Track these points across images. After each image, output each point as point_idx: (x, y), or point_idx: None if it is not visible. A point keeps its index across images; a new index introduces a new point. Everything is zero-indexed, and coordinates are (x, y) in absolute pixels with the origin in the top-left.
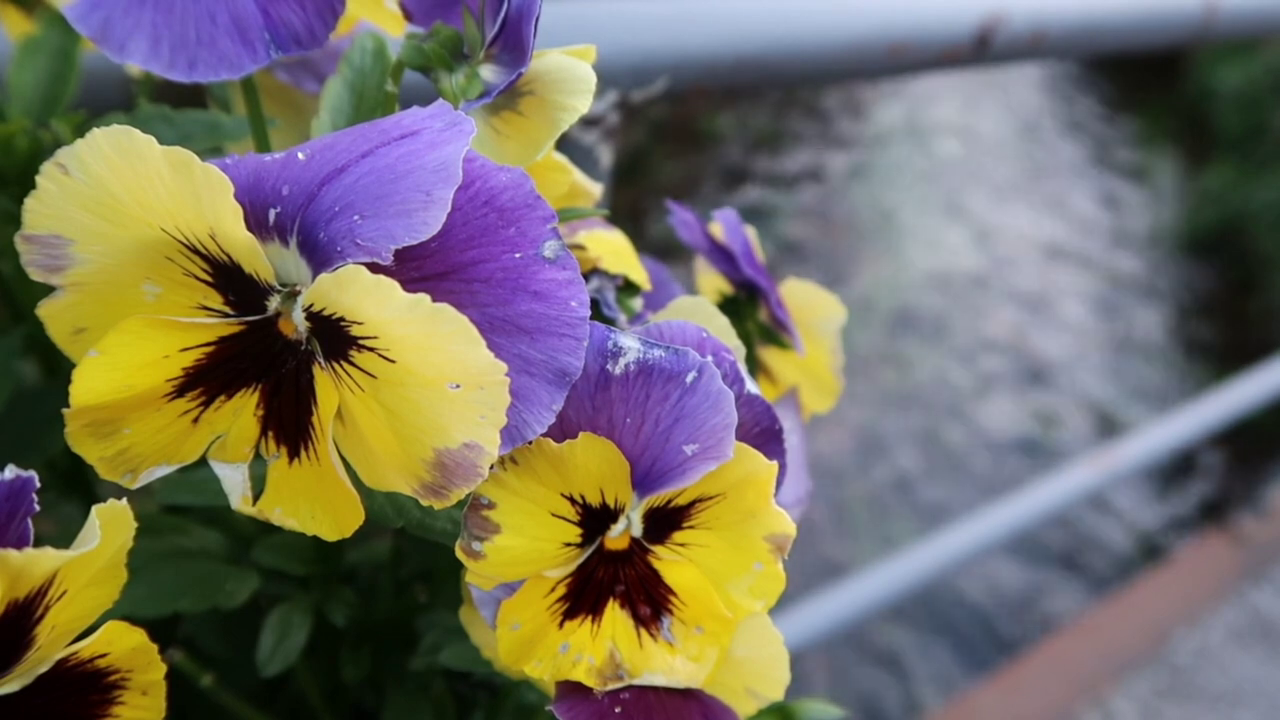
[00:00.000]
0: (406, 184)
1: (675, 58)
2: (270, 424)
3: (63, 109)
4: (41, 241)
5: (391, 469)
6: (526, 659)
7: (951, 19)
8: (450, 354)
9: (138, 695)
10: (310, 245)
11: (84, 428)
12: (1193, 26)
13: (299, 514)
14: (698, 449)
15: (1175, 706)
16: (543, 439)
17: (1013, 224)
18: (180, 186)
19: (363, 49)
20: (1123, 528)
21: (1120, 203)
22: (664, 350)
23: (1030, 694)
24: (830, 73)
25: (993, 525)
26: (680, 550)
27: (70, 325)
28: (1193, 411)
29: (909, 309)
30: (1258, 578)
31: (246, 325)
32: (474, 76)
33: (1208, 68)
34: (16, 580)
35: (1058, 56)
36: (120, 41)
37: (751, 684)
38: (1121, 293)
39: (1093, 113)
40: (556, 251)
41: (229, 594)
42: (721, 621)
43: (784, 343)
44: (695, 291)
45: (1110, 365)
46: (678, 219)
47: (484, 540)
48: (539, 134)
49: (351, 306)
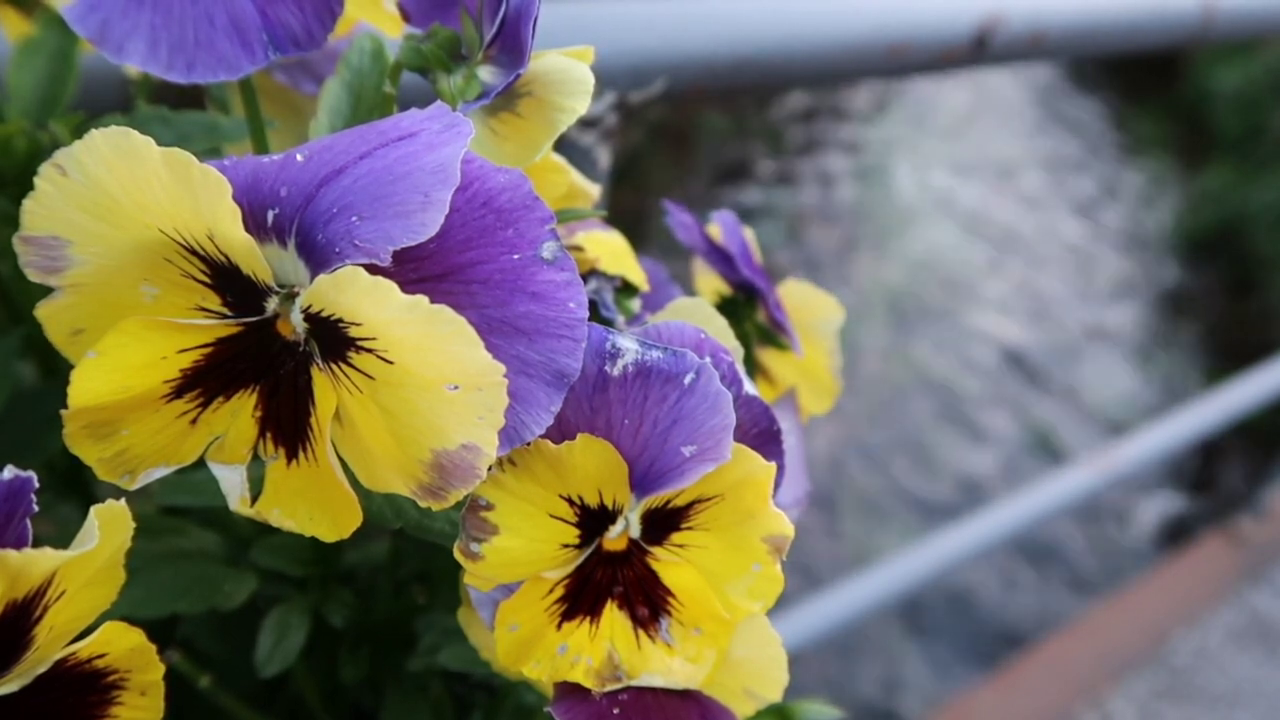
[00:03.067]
0: (405, 185)
1: (674, 58)
2: (268, 425)
3: (61, 110)
4: (39, 243)
5: (390, 470)
6: (525, 660)
7: (950, 20)
8: (448, 355)
9: (136, 696)
10: (308, 246)
11: (82, 429)
12: (1191, 27)
13: (297, 515)
14: (696, 450)
15: (1174, 707)
16: (541, 440)
17: (1012, 224)
18: (178, 188)
19: (361, 50)
20: (1122, 528)
21: (1119, 203)
22: (662, 351)
23: (1029, 694)
24: (829, 73)
25: (992, 526)
26: (678, 551)
27: (68, 326)
28: (1191, 412)
29: (907, 307)
30: (1256, 579)
31: (245, 326)
32: (472, 78)
33: (1206, 69)
34: (15, 581)
35: (1056, 57)
36: (118, 43)
37: (750, 685)
38: (1120, 293)
39: (1091, 114)
40: (555, 253)
41: (227, 595)
42: (720, 622)
43: (782, 344)
44: (693, 292)
45: (1109, 365)
46: (676, 220)
47: (482, 541)
48: (537, 135)
49: (350, 307)
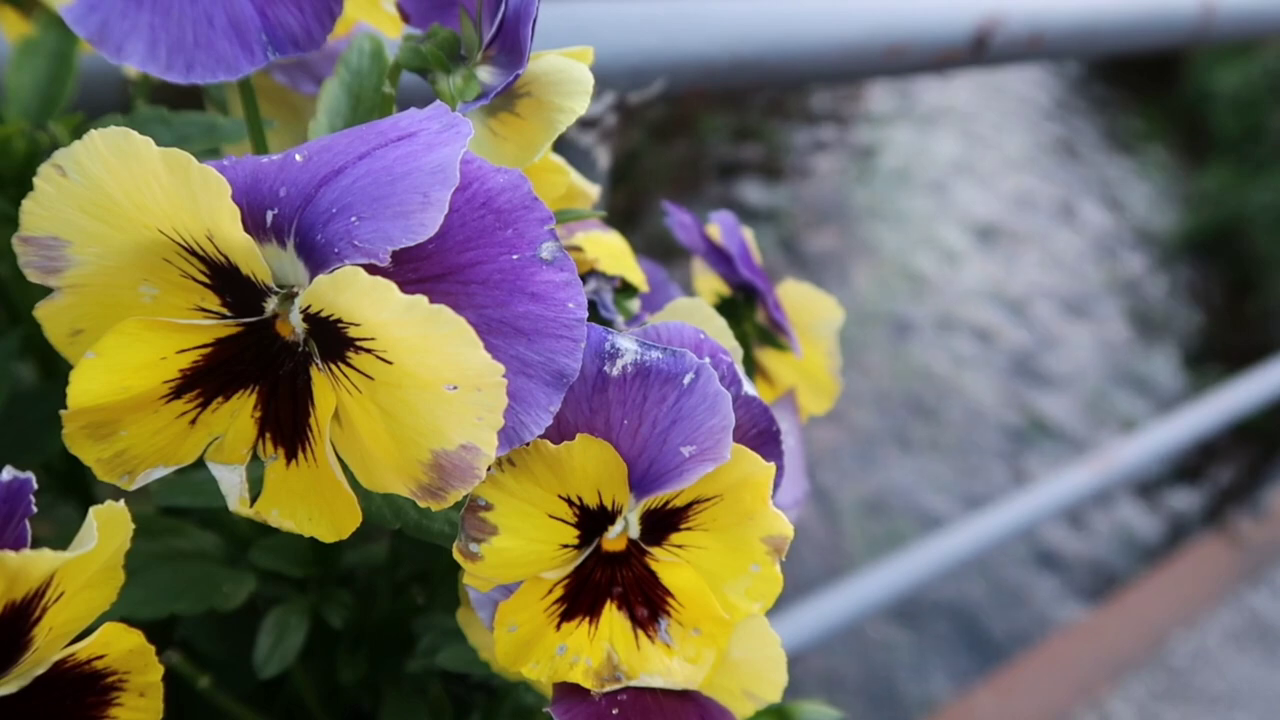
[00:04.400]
0: (404, 186)
1: (673, 59)
2: (268, 425)
3: (60, 111)
4: (39, 243)
5: (389, 471)
6: (524, 661)
7: (949, 20)
8: (447, 355)
9: (135, 697)
10: (308, 247)
11: (81, 429)
12: (1190, 28)
13: (296, 516)
14: (695, 450)
15: (1172, 708)
16: (540, 441)
17: (1010, 224)
18: (177, 188)
19: (360, 51)
20: (1120, 529)
21: (1118, 204)
22: (661, 352)
23: (1027, 696)
24: (828, 74)
25: (993, 526)
26: (678, 552)
27: (67, 327)
28: (1191, 413)
29: (905, 310)
30: (1255, 580)
31: (244, 327)
32: (471, 78)
33: (1205, 69)
34: (14, 582)
35: (1055, 58)
36: (117, 43)
37: (749, 686)
38: (1119, 294)
39: (1090, 114)
40: (554, 253)
41: (226, 596)
42: (719, 623)
43: (781, 344)
44: (693, 293)
45: (1108, 366)
46: (675, 221)
47: (481, 542)
48: (536, 136)
49: (349, 308)
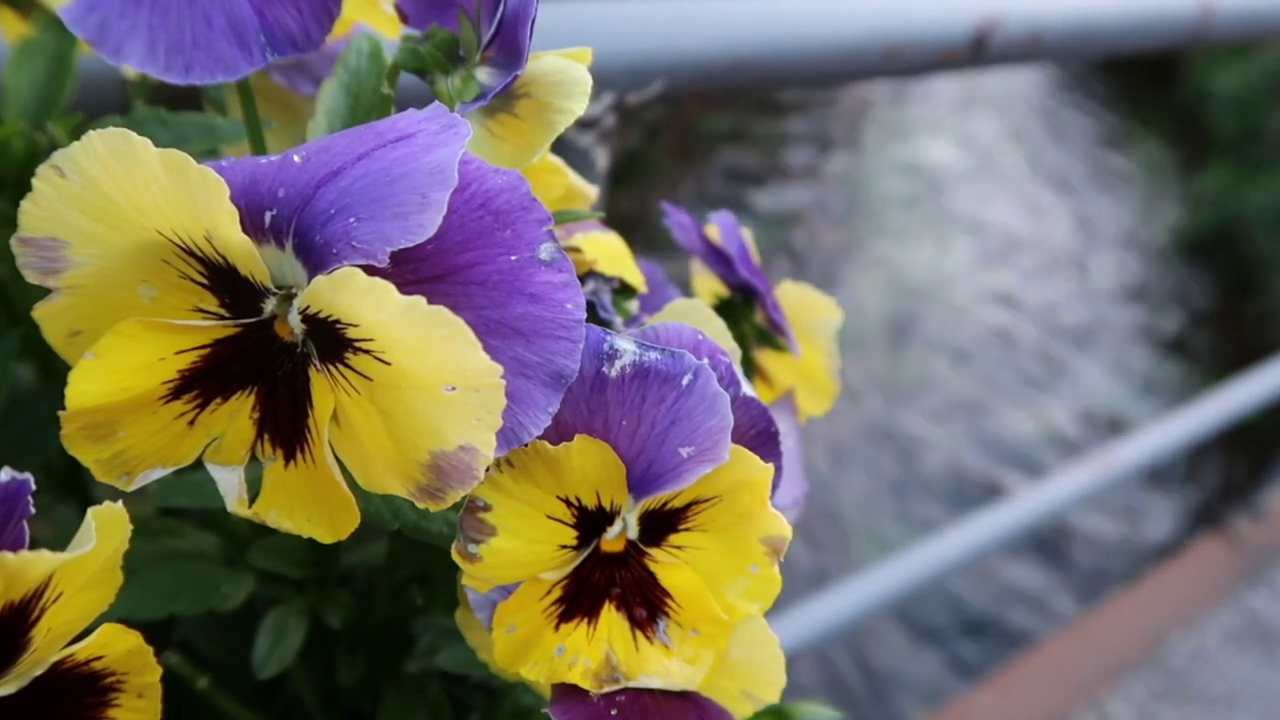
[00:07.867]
0: (402, 186)
1: (671, 60)
2: (266, 426)
3: (59, 111)
4: (37, 244)
5: (387, 471)
6: (522, 661)
7: (948, 21)
8: (446, 356)
9: (133, 698)
10: (306, 248)
11: (80, 430)
12: (1189, 29)
13: (295, 516)
14: (694, 451)
15: (1171, 709)
16: (539, 441)
17: (1010, 225)
18: (176, 189)
19: (359, 51)
20: (1120, 529)
21: (1117, 205)
22: (660, 353)
23: (1026, 696)
24: (827, 75)
25: (992, 526)
26: (676, 553)
27: (66, 328)
28: (1190, 414)
29: (904, 311)
30: (1254, 581)
31: (242, 328)
32: (470, 79)
33: (1204, 70)
34: (12, 583)
35: (1054, 59)
36: (116, 44)
37: (747, 687)
38: (1118, 295)
39: (1089, 115)
40: (552, 254)
41: (225, 596)
42: (717, 624)
43: (780, 345)
44: (691, 294)
45: (1108, 367)
46: (674, 221)
47: (480, 543)
48: (535, 136)
49: (347, 309)
